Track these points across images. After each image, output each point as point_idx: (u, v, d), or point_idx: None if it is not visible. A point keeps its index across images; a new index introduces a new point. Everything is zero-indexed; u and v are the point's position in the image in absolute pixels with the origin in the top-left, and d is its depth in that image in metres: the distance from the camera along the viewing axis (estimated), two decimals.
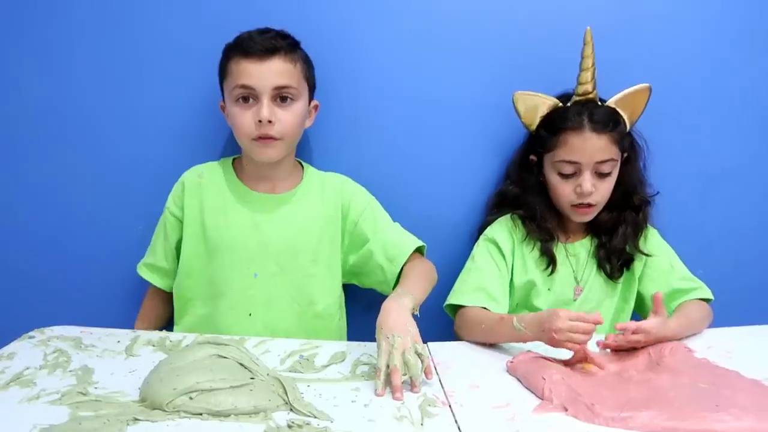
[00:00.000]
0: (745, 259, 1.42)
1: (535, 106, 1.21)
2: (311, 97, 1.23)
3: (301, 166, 1.29)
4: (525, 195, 1.26)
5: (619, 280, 1.25)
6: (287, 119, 1.15)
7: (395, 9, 1.30)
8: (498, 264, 1.23)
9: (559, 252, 1.25)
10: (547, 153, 1.20)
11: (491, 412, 0.86)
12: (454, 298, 1.21)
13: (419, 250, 1.24)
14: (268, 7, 1.26)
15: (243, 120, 1.15)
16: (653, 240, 1.26)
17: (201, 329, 1.17)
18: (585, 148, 1.15)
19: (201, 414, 0.81)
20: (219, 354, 0.91)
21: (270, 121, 1.13)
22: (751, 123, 1.38)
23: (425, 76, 1.32)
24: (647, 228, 1.26)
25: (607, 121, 1.15)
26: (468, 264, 1.25)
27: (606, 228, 1.24)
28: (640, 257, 1.24)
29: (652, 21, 1.32)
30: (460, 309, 1.19)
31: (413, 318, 0.98)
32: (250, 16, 1.21)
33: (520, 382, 0.95)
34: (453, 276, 1.26)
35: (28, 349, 1.01)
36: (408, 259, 1.20)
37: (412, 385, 0.91)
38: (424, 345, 0.95)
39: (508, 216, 1.28)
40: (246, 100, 1.15)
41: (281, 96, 1.15)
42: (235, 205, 1.22)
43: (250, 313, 1.20)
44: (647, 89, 1.18)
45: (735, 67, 1.35)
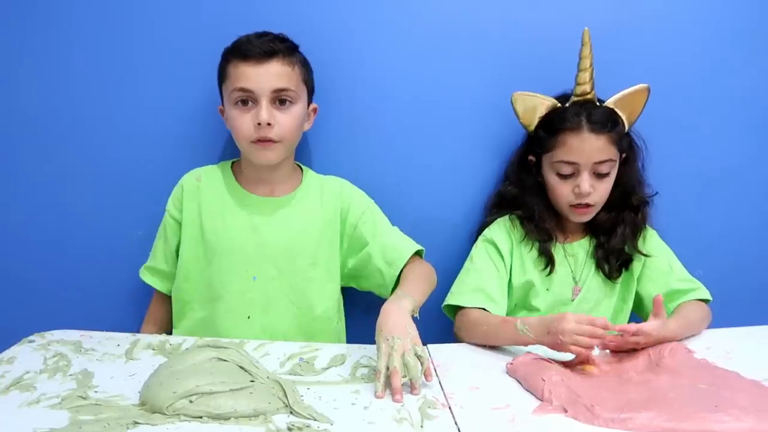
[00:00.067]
0: (745, 260, 1.42)
1: (534, 106, 1.21)
2: (310, 100, 1.23)
3: (300, 169, 1.29)
4: (523, 195, 1.26)
5: (618, 280, 1.25)
6: (286, 122, 1.16)
7: (393, 12, 1.30)
8: (496, 265, 1.23)
9: (558, 252, 1.25)
10: (546, 153, 1.20)
11: (491, 413, 0.86)
12: (452, 298, 1.21)
13: (418, 253, 1.24)
14: (266, 11, 1.27)
15: (242, 123, 1.15)
16: (652, 240, 1.26)
17: (200, 332, 1.17)
18: (583, 148, 1.15)
19: (201, 417, 0.81)
20: (219, 357, 0.91)
21: (269, 124, 1.13)
22: (751, 124, 1.38)
23: (423, 78, 1.32)
24: (646, 228, 1.26)
25: (606, 122, 1.15)
26: (466, 265, 1.26)
27: (604, 228, 1.24)
28: (638, 258, 1.24)
29: (650, 21, 1.32)
30: (459, 310, 1.19)
31: (413, 320, 0.98)
32: (249, 19, 1.22)
33: (519, 383, 0.95)
34: (453, 277, 1.26)
35: (28, 354, 1.01)
36: (407, 262, 1.20)
37: (411, 387, 0.91)
38: (423, 347, 0.95)
39: (506, 217, 1.28)
40: (245, 103, 1.15)
41: (280, 99, 1.15)
42: (234, 208, 1.22)
43: (248, 316, 1.20)
44: (646, 90, 1.18)
45: (734, 68, 1.35)
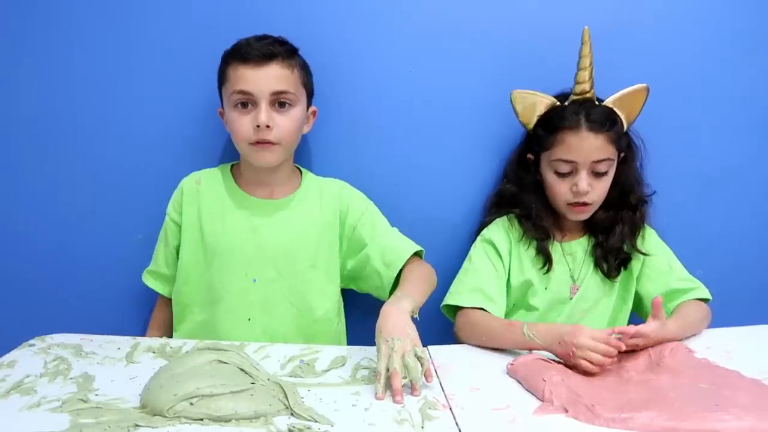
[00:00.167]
0: (745, 260, 1.42)
1: (533, 104, 1.21)
2: (309, 104, 1.23)
3: (300, 171, 1.29)
4: (522, 194, 1.26)
5: (617, 279, 1.25)
6: (285, 124, 1.16)
7: (391, 14, 1.30)
8: (495, 264, 1.23)
9: (555, 250, 1.24)
10: (544, 152, 1.20)
11: (492, 414, 0.86)
12: (451, 298, 1.21)
13: (418, 254, 1.24)
14: (266, 15, 1.27)
15: (241, 125, 1.15)
16: (651, 240, 1.26)
17: (200, 335, 1.17)
18: (582, 147, 1.15)
19: (202, 420, 0.81)
20: (219, 359, 0.91)
21: (268, 126, 1.13)
22: (750, 123, 1.38)
23: (422, 78, 1.32)
24: (645, 228, 1.26)
25: (604, 121, 1.15)
26: (465, 265, 1.26)
27: (603, 227, 1.24)
28: (637, 257, 1.24)
29: (650, 21, 1.32)
30: (459, 311, 1.19)
31: (413, 321, 0.98)
32: (248, 23, 1.22)
33: (520, 384, 0.95)
34: (452, 277, 1.26)
35: (28, 357, 1.01)
36: (407, 263, 1.20)
37: (412, 389, 0.91)
38: (423, 348, 0.95)
39: (505, 217, 1.28)
40: (244, 105, 1.15)
41: (279, 101, 1.15)
42: (233, 210, 1.22)
43: (248, 318, 1.20)
44: (645, 89, 1.18)
45: (733, 68, 1.35)
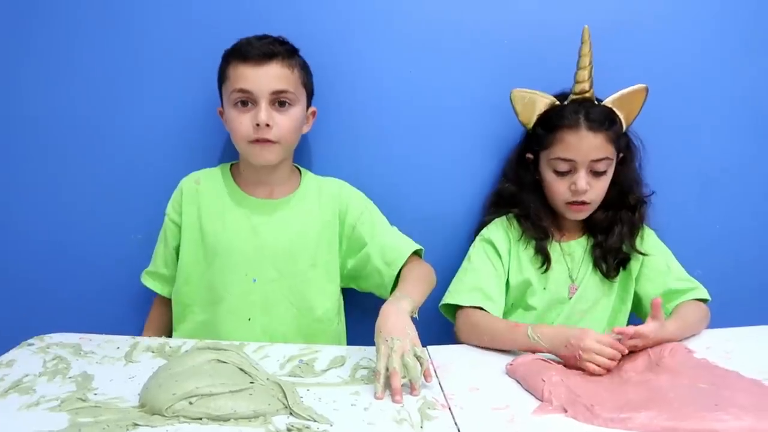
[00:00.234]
0: (744, 260, 1.42)
1: (533, 103, 1.21)
2: (309, 103, 1.23)
3: (299, 171, 1.29)
4: (521, 193, 1.26)
5: (615, 279, 1.25)
6: (285, 123, 1.16)
7: (391, 14, 1.30)
8: (494, 264, 1.23)
9: (554, 250, 1.24)
10: (543, 150, 1.20)
11: (491, 414, 0.86)
12: (450, 297, 1.21)
13: (417, 253, 1.24)
14: (267, 15, 1.27)
15: (240, 123, 1.15)
16: (650, 240, 1.26)
17: (200, 335, 1.17)
18: (580, 146, 1.15)
19: (200, 419, 0.81)
20: (218, 359, 0.91)
21: (267, 125, 1.13)
22: (750, 123, 1.38)
23: (422, 78, 1.32)
24: (644, 228, 1.26)
25: (603, 120, 1.15)
26: (464, 264, 1.26)
27: (602, 227, 1.24)
28: (636, 257, 1.24)
29: (650, 22, 1.32)
30: (459, 310, 1.19)
31: (412, 321, 0.98)
32: (249, 22, 1.22)
33: (519, 384, 0.95)
34: (452, 277, 1.26)
35: (27, 356, 1.01)
36: (406, 262, 1.20)
37: (411, 388, 0.91)
38: (423, 348, 0.95)
39: (504, 216, 1.28)
40: (244, 104, 1.15)
41: (279, 101, 1.15)
42: (233, 210, 1.22)
43: (249, 318, 1.20)
44: (644, 90, 1.18)
45: (733, 68, 1.35)
